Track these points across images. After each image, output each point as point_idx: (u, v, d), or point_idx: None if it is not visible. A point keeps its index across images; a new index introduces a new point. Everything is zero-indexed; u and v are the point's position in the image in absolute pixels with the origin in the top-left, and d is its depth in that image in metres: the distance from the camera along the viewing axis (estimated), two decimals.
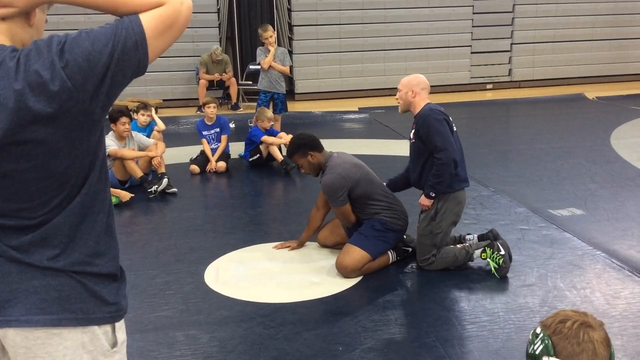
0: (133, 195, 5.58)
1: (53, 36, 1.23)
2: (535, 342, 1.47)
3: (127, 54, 1.23)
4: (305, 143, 4.03)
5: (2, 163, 1.22)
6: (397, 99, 3.95)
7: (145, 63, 1.27)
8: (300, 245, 4.29)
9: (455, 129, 3.86)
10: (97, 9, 1.28)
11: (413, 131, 3.88)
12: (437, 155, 3.68)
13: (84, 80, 1.20)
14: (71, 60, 1.19)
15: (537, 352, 1.45)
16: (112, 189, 5.38)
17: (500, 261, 3.71)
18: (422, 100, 3.85)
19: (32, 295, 1.29)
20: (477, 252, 3.83)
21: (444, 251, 3.82)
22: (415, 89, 3.84)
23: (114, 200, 5.40)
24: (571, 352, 1.42)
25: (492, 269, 3.73)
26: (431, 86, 4.00)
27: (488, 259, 3.77)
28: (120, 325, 1.43)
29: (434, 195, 3.77)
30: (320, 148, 4.05)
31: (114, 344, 1.40)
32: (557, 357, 1.42)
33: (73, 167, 1.27)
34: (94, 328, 1.35)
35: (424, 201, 3.83)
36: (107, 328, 1.38)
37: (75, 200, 1.30)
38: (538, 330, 1.49)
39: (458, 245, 3.89)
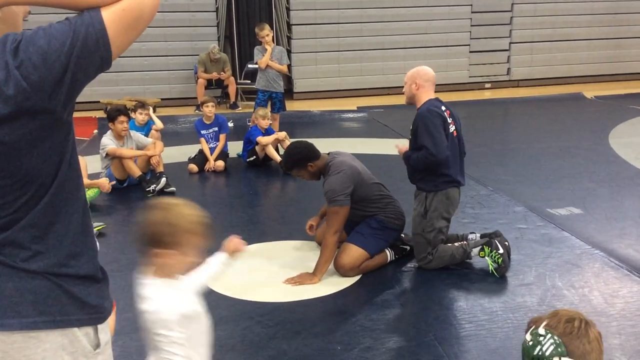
0: (113, 182, 5.62)
1: (9, 34, 1.19)
2: (543, 343, 1.42)
3: (88, 52, 1.18)
4: (302, 156, 3.89)
5: None
6: (403, 91, 3.94)
7: (109, 60, 1.22)
8: (319, 218, 4.22)
9: (453, 129, 3.84)
10: (56, 7, 1.23)
11: (412, 127, 3.89)
12: (428, 152, 3.69)
13: (41, 79, 1.15)
14: (25, 59, 1.14)
15: (547, 354, 1.41)
16: (91, 181, 5.34)
17: (499, 260, 3.70)
18: (425, 94, 3.83)
19: (7, 298, 1.25)
20: (475, 250, 3.82)
21: (441, 250, 3.82)
22: (419, 81, 3.81)
23: (94, 193, 5.34)
24: (583, 351, 1.40)
25: (491, 267, 3.73)
26: None
27: (486, 257, 3.77)
28: (104, 327, 1.39)
29: (406, 161, 3.91)
30: (317, 155, 3.92)
31: (97, 346, 1.36)
32: (570, 357, 1.40)
33: (37, 167, 1.22)
34: (74, 330, 1.31)
35: (402, 148, 3.99)
36: (89, 330, 1.34)
37: (42, 201, 1.25)
38: (542, 331, 1.45)
39: (456, 244, 3.87)
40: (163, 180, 5.71)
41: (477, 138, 7.99)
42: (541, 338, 1.44)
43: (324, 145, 4.15)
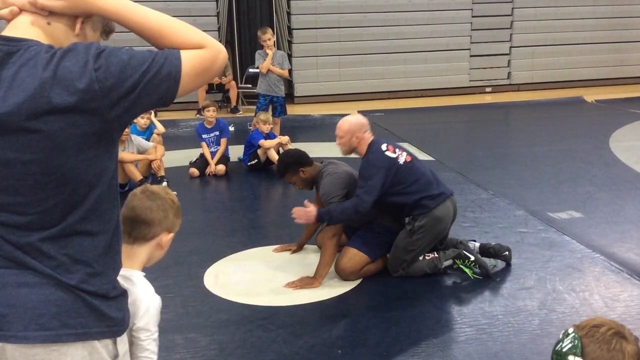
0: None
1: (94, 42, 1.28)
2: (565, 340, 1.46)
3: (158, 80, 1.27)
4: (293, 160, 3.95)
5: (7, 151, 1.22)
6: (338, 144, 3.87)
7: (173, 95, 1.30)
8: (300, 247, 4.29)
9: (405, 155, 3.77)
10: (142, 35, 1.32)
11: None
12: (359, 193, 3.60)
13: (112, 88, 1.23)
14: (104, 65, 1.23)
15: (564, 350, 1.44)
16: None
17: (476, 266, 3.75)
18: (365, 142, 3.80)
19: (30, 310, 1.27)
20: (447, 263, 3.82)
21: (413, 266, 3.78)
22: (359, 134, 3.79)
23: None
24: (599, 356, 1.39)
25: (470, 274, 3.75)
26: (430, 89, 3.99)
27: (462, 267, 3.80)
28: (122, 337, 1.41)
29: (323, 219, 3.62)
30: (310, 162, 3.98)
31: (115, 356, 1.39)
32: (583, 358, 1.41)
33: (76, 172, 1.25)
34: (94, 342, 1.33)
35: (307, 215, 3.61)
36: (108, 341, 1.36)
37: (76, 212, 1.28)
38: (570, 330, 1.49)
39: (427, 257, 3.82)
40: (164, 184, 5.73)
41: (478, 142, 7.99)
42: (566, 336, 1.48)
43: (325, 150, 4.16)
